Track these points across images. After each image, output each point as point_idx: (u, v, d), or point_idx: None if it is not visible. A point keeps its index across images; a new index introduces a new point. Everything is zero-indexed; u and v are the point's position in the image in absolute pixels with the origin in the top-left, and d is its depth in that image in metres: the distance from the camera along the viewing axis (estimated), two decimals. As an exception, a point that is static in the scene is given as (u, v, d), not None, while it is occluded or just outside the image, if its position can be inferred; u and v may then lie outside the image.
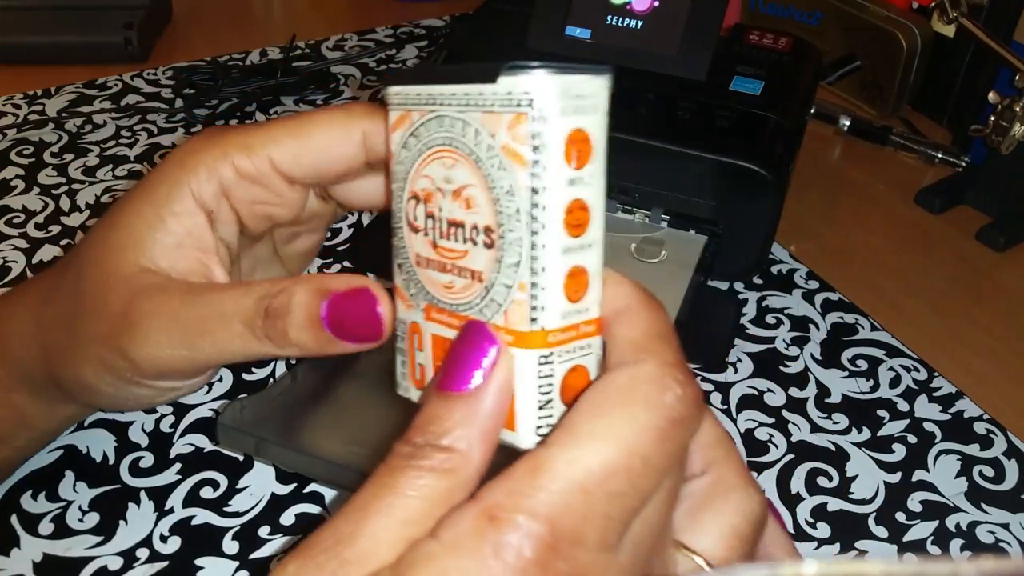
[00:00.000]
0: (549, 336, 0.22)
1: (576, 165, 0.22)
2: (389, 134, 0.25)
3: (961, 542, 0.39)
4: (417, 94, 0.24)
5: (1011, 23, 0.61)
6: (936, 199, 0.61)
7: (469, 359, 0.22)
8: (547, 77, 0.21)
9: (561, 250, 0.22)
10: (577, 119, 0.21)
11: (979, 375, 0.48)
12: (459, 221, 0.23)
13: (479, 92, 0.22)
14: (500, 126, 0.21)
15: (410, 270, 0.25)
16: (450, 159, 0.23)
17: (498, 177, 0.22)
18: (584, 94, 0.21)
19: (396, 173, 0.25)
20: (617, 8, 0.52)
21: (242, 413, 0.37)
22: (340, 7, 0.88)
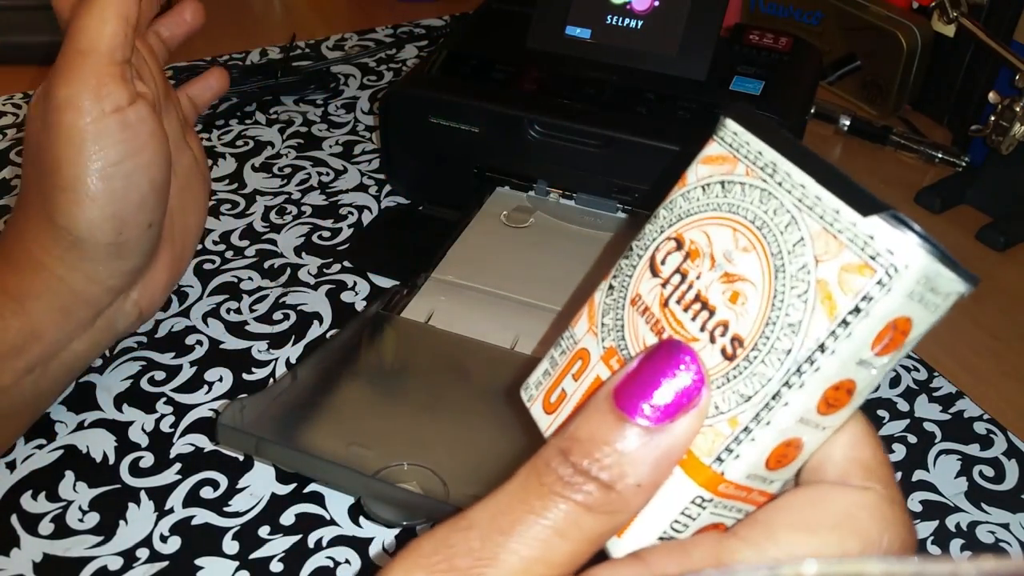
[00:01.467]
0: (721, 485, 0.19)
1: (878, 351, 0.18)
2: (696, 162, 0.22)
3: (961, 542, 0.39)
4: (758, 152, 0.20)
5: (1011, 23, 0.61)
6: (936, 199, 0.61)
7: (664, 386, 0.19)
8: (922, 252, 0.17)
9: (799, 419, 0.19)
10: (914, 309, 0.18)
11: (979, 375, 0.48)
12: (711, 305, 0.20)
13: (835, 208, 0.18)
14: (834, 258, 0.18)
15: (619, 301, 0.22)
16: (747, 240, 0.20)
17: (791, 303, 0.19)
18: (939, 290, 0.18)
19: (673, 203, 0.22)
20: (617, 8, 0.52)
21: (242, 413, 0.37)
22: (340, 7, 0.88)
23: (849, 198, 0.18)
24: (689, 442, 0.19)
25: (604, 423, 0.19)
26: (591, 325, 0.23)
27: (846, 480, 0.20)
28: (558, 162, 0.51)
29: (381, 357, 0.45)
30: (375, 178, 0.61)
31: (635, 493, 0.18)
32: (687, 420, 0.19)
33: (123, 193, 0.38)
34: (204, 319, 0.49)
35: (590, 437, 0.19)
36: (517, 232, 0.52)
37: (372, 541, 0.38)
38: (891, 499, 0.20)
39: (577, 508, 0.18)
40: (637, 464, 0.18)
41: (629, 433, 0.18)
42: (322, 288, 0.52)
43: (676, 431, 0.19)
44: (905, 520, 0.20)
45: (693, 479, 0.19)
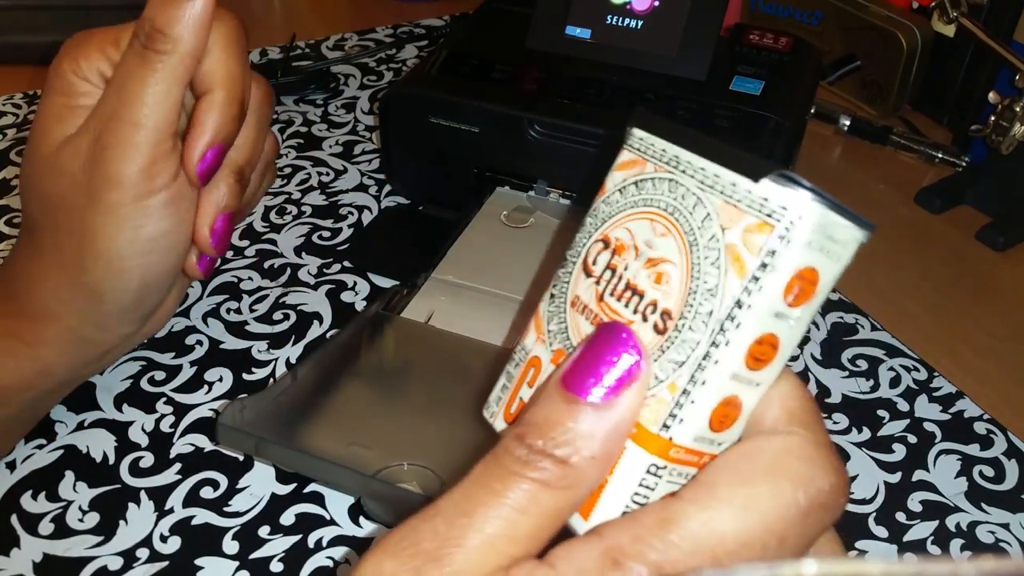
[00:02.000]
0: (672, 450, 0.20)
1: (791, 302, 0.20)
2: (611, 170, 0.24)
3: (961, 542, 0.39)
4: (662, 149, 0.22)
5: (1011, 23, 0.61)
6: (936, 199, 0.61)
7: (608, 365, 0.20)
8: (813, 203, 0.19)
9: (731, 375, 0.20)
10: (817, 258, 0.20)
11: (979, 375, 0.48)
12: (640, 290, 0.22)
13: (731, 181, 0.20)
14: (737, 224, 0.20)
15: (561, 307, 0.24)
16: (663, 227, 0.22)
17: (706, 271, 0.20)
18: (837, 238, 0.20)
19: (597, 210, 0.24)
20: (617, 8, 0.52)
21: (242, 413, 0.37)
22: (340, 7, 0.88)
23: (742, 169, 0.20)
24: (636, 412, 0.20)
25: (555, 406, 0.20)
26: (539, 334, 0.24)
27: (775, 428, 0.21)
28: (558, 162, 0.51)
29: (381, 357, 0.44)
30: (375, 178, 0.61)
31: (590, 465, 0.20)
32: (631, 392, 0.20)
33: (156, 265, 0.38)
34: (204, 319, 0.49)
35: (544, 419, 0.20)
36: (517, 232, 0.52)
37: (372, 541, 0.38)
38: (816, 441, 0.21)
39: (535, 485, 0.19)
40: (589, 438, 0.20)
41: (580, 411, 0.20)
42: (322, 288, 0.52)
43: (623, 403, 0.20)
44: (832, 460, 0.21)
45: (645, 448, 0.20)
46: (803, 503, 0.20)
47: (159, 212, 0.37)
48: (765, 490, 0.20)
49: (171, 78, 0.35)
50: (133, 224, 0.36)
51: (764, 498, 0.19)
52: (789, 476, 0.20)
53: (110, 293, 0.38)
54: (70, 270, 0.37)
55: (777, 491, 0.20)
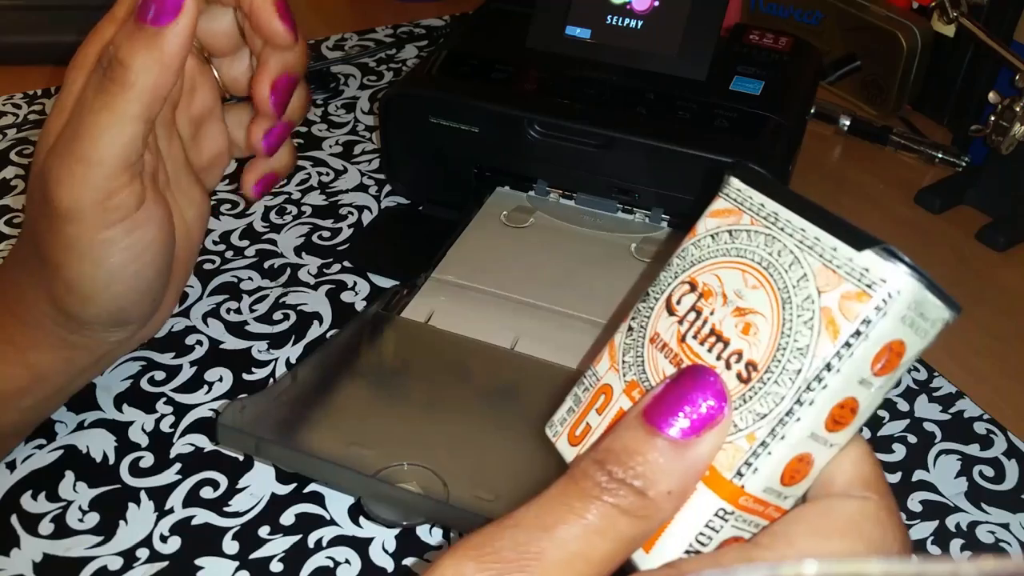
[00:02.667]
0: (741, 498, 0.21)
1: (877, 371, 0.21)
2: (704, 215, 0.24)
3: (961, 542, 0.39)
4: (761, 204, 0.23)
5: (1011, 23, 0.61)
6: (936, 199, 0.61)
7: (692, 404, 0.21)
8: (912, 280, 0.20)
9: (810, 434, 0.21)
10: (906, 332, 0.21)
11: (979, 375, 0.48)
12: (725, 337, 0.22)
13: (832, 246, 0.21)
14: (834, 289, 0.20)
15: (639, 340, 0.24)
16: (755, 280, 0.22)
17: (798, 330, 0.21)
18: (928, 316, 0.21)
19: (685, 252, 0.24)
20: (617, 8, 0.52)
21: (242, 413, 0.37)
22: (340, 7, 0.88)
23: (844, 236, 0.21)
24: (714, 454, 0.21)
25: (636, 436, 0.21)
26: (612, 363, 0.25)
27: (849, 491, 0.22)
28: (558, 162, 0.51)
29: (381, 357, 0.44)
30: (375, 178, 0.61)
31: (666, 500, 0.20)
32: (711, 435, 0.21)
33: (126, 290, 0.37)
34: (204, 319, 0.49)
35: (623, 448, 0.20)
36: (517, 232, 0.52)
37: (372, 541, 0.38)
38: (888, 507, 0.22)
39: (613, 510, 0.20)
40: (667, 473, 0.20)
41: (659, 445, 0.20)
42: (322, 288, 0.52)
43: (702, 444, 0.21)
44: (900, 526, 0.22)
45: (716, 492, 0.21)
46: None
47: (122, 242, 0.35)
48: (841, 548, 0.20)
49: (128, 115, 0.32)
50: (93, 257, 0.34)
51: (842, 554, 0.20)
52: (864, 538, 0.21)
53: (87, 316, 0.37)
54: (49, 290, 0.36)
55: (853, 551, 0.20)
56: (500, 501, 0.36)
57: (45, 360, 0.39)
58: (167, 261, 0.38)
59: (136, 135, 0.33)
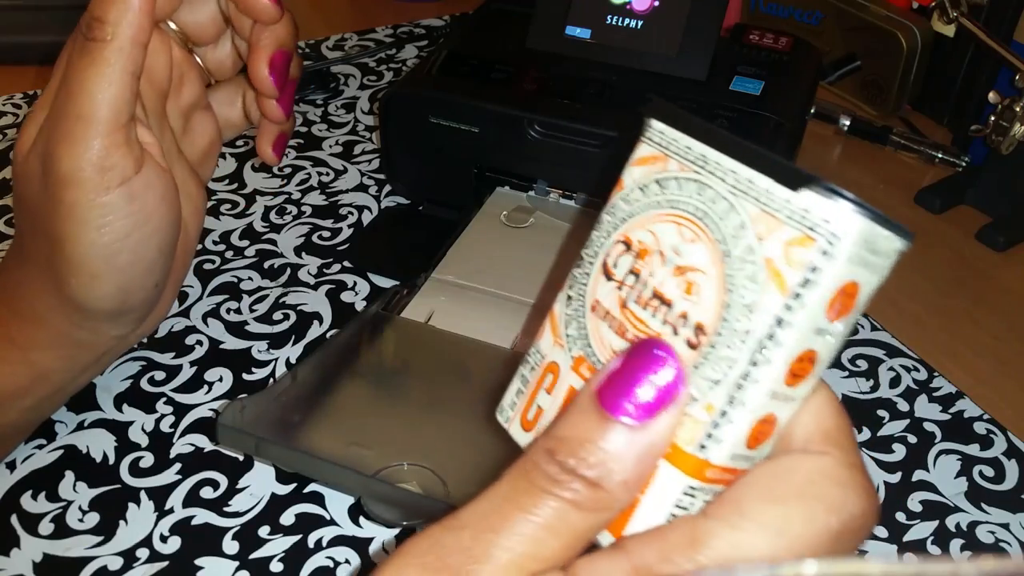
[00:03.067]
0: (708, 471, 0.20)
1: (832, 317, 0.19)
2: (629, 165, 0.22)
3: (961, 542, 0.39)
4: (687, 147, 0.21)
5: (1011, 23, 0.61)
6: (936, 199, 0.61)
7: (645, 385, 0.19)
8: (857, 217, 0.18)
9: (770, 394, 0.19)
10: (858, 272, 0.19)
11: (979, 375, 0.48)
12: (667, 299, 0.20)
13: (766, 188, 0.19)
14: (775, 236, 0.19)
15: (580, 310, 0.23)
16: (691, 232, 0.20)
17: (742, 285, 0.19)
18: (879, 249, 0.19)
19: (615, 207, 0.22)
20: (617, 8, 0.52)
21: (242, 413, 0.37)
22: (340, 7, 0.88)
23: (779, 176, 0.19)
24: (671, 435, 0.19)
25: (588, 422, 0.19)
26: (556, 338, 0.23)
27: (808, 448, 0.21)
28: (558, 162, 0.51)
29: (381, 357, 0.44)
30: (375, 178, 0.61)
31: (621, 489, 0.19)
32: (668, 415, 0.19)
33: (129, 266, 0.36)
34: (204, 319, 0.49)
35: (575, 436, 0.19)
36: (517, 232, 0.52)
37: (372, 541, 0.38)
38: (848, 463, 0.20)
39: (565, 505, 0.19)
40: (622, 461, 0.19)
41: (613, 431, 0.19)
42: (322, 288, 0.52)
43: (658, 426, 0.19)
44: (864, 483, 0.20)
45: (681, 469, 0.20)
46: (835, 528, 0.19)
47: (122, 209, 0.35)
48: (798, 513, 0.19)
49: (113, 67, 0.33)
50: (95, 224, 0.34)
51: (796, 522, 0.19)
52: (823, 500, 0.19)
53: (90, 301, 0.36)
54: (50, 277, 0.36)
55: (810, 515, 0.19)
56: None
57: (46, 359, 0.39)
58: (170, 238, 0.38)
59: (124, 89, 0.34)
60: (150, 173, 0.36)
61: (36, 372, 0.39)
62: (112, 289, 0.36)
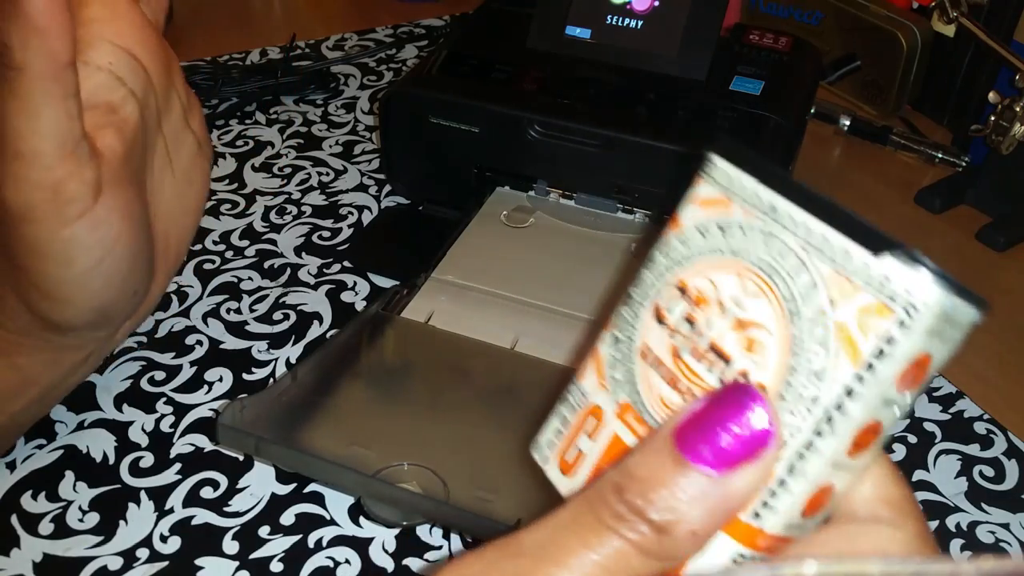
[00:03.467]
0: (759, 539, 0.19)
1: (901, 389, 0.18)
2: (687, 203, 0.21)
3: (961, 542, 0.39)
4: (754, 193, 0.19)
5: (1011, 23, 0.61)
6: (936, 199, 0.61)
7: (732, 433, 0.18)
8: (939, 290, 0.17)
9: (832, 464, 0.18)
10: (933, 343, 0.18)
11: (979, 375, 0.48)
12: (726, 355, 0.19)
13: (844, 248, 0.18)
14: (850, 301, 0.18)
15: (627, 355, 0.22)
16: (755, 287, 0.19)
17: (810, 349, 0.18)
18: (955, 321, 0.18)
19: (669, 248, 0.21)
20: (617, 8, 0.52)
21: (242, 413, 0.37)
22: (340, 7, 0.88)
23: (859, 237, 0.18)
24: (751, 492, 0.18)
25: (663, 465, 0.18)
26: (600, 380, 0.22)
27: (876, 518, 0.20)
28: (558, 162, 0.51)
29: (381, 357, 0.44)
30: (375, 178, 0.61)
31: (688, 540, 0.18)
32: (751, 470, 0.18)
33: (103, 288, 0.35)
34: (204, 319, 0.49)
35: (648, 477, 0.18)
36: (517, 232, 0.52)
37: (372, 541, 0.38)
38: (920, 535, 0.20)
39: (629, 547, 0.18)
40: (693, 511, 0.18)
41: (688, 478, 0.18)
42: (322, 288, 0.52)
43: (739, 480, 0.18)
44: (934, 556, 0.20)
45: (732, 536, 0.19)
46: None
47: (86, 240, 0.32)
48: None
49: (36, 98, 0.30)
50: (59, 260, 0.32)
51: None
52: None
53: (65, 322, 0.35)
54: (22, 299, 0.34)
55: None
56: (500, 501, 0.36)
57: (32, 363, 0.38)
58: (144, 251, 0.36)
59: (59, 116, 0.30)
60: (110, 199, 0.33)
61: (22, 376, 0.38)
62: (87, 309, 0.35)
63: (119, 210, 0.33)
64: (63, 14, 0.29)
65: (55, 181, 0.31)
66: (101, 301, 0.35)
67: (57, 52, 0.29)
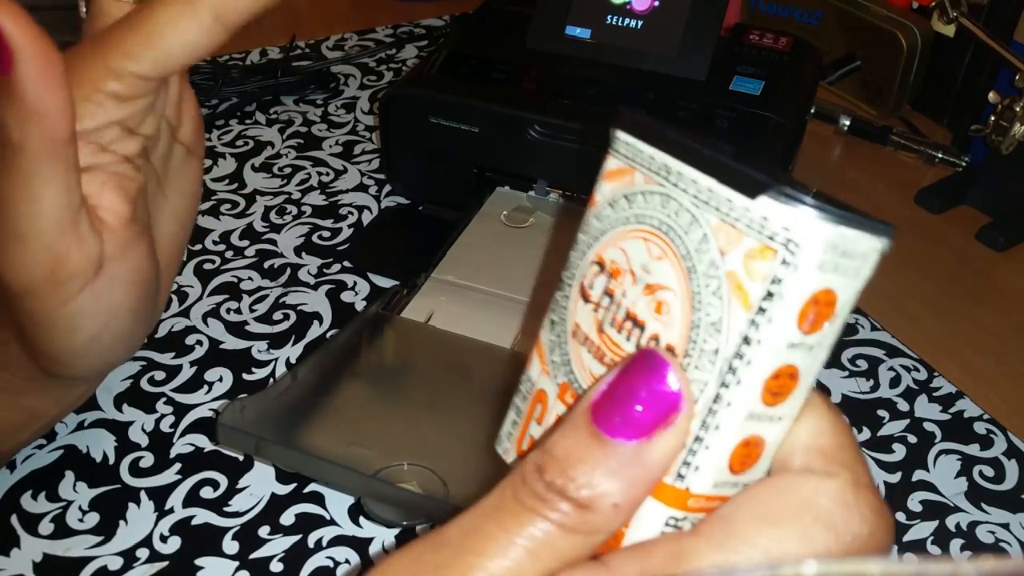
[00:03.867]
0: (690, 500, 0.19)
1: (807, 329, 0.18)
2: (599, 180, 0.21)
3: (961, 542, 0.39)
4: (651, 156, 0.20)
5: (1011, 23, 0.61)
6: (936, 199, 0.61)
7: (643, 401, 0.18)
8: (819, 222, 0.17)
9: (747, 415, 0.18)
10: (831, 279, 0.17)
11: (979, 375, 0.48)
12: (640, 320, 0.19)
13: (727, 197, 0.18)
14: (736, 247, 0.18)
15: (561, 336, 0.22)
16: (658, 248, 0.19)
17: (708, 302, 0.18)
18: (852, 252, 0.17)
19: (588, 226, 0.21)
20: (617, 8, 0.52)
21: (242, 413, 0.37)
22: (340, 7, 0.88)
23: (738, 183, 0.18)
24: (670, 459, 0.18)
25: (580, 440, 0.18)
26: (543, 365, 0.22)
27: (809, 467, 0.19)
28: (558, 162, 0.51)
29: (381, 357, 0.44)
30: (375, 178, 0.61)
31: (612, 513, 0.18)
32: (667, 436, 0.18)
33: (109, 349, 0.34)
34: (204, 319, 0.49)
35: (566, 454, 0.18)
36: (517, 232, 0.52)
37: (372, 541, 0.38)
38: (855, 482, 0.19)
39: (551, 527, 0.18)
40: (614, 483, 0.18)
41: (607, 451, 0.18)
42: (322, 288, 0.52)
43: (656, 448, 0.18)
44: (872, 501, 0.19)
45: (661, 500, 0.19)
46: (836, 549, 0.18)
47: (90, 309, 0.31)
48: (793, 534, 0.18)
49: (36, 178, 0.28)
50: (63, 330, 0.31)
51: (791, 543, 0.18)
52: (822, 519, 0.18)
53: (72, 377, 0.36)
54: (28, 353, 0.34)
55: (806, 535, 0.18)
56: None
57: (39, 402, 0.38)
58: (149, 303, 0.35)
59: (58, 193, 0.28)
60: (115, 263, 0.31)
61: (29, 413, 0.38)
62: (93, 366, 0.35)
63: (122, 276, 0.32)
64: (61, 91, 0.27)
65: (54, 258, 0.29)
66: (108, 358, 0.35)
67: (56, 132, 0.27)
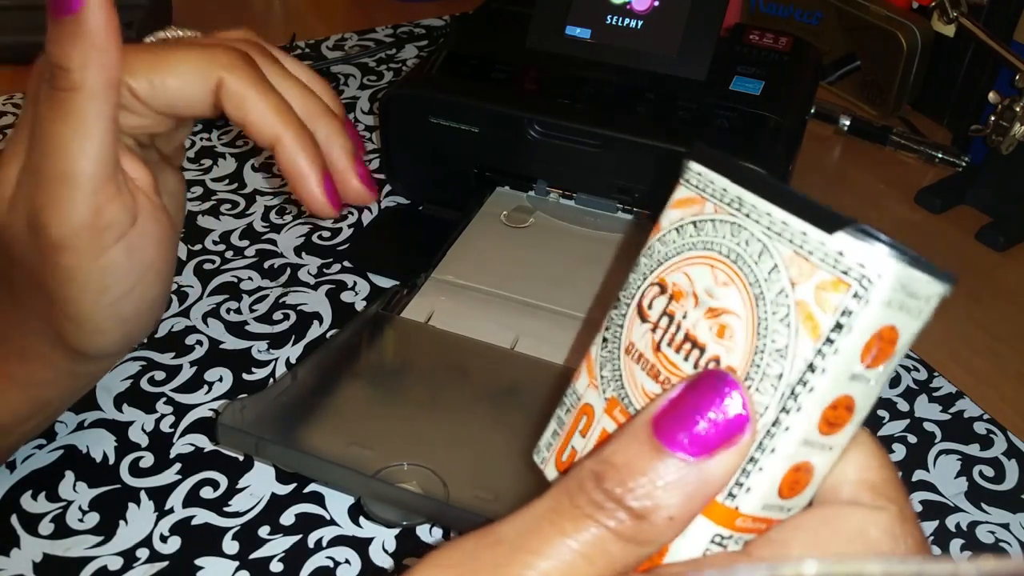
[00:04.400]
0: (738, 520, 0.19)
1: (869, 363, 0.18)
2: (667, 207, 0.22)
3: (961, 542, 0.39)
4: (723, 189, 0.21)
5: (1011, 23, 0.61)
6: (936, 199, 0.61)
7: (709, 420, 0.18)
8: (893, 261, 0.18)
9: (802, 441, 0.19)
10: (897, 316, 0.18)
11: (979, 375, 0.48)
12: (700, 343, 0.20)
13: (801, 230, 0.19)
14: (808, 279, 0.18)
15: (614, 352, 0.23)
16: (725, 275, 0.20)
17: (774, 329, 0.19)
18: (918, 293, 0.18)
19: (652, 249, 0.22)
20: (617, 8, 0.52)
21: (242, 413, 0.37)
22: (340, 7, 0.88)
23: (814, 218, 0.19)
24: (729, 477, 0.19)
25: (641, 451, 0.18)
26: (591, 379, 0.23)
27: (858, 500, 0.20)
28: (558, 162, 0.51)
29: (381, 357, 0.44)
30: (375, 178, 0.61)
31: (667, 525, 0.18)
32: (727, 455, 0.18)
33: (134, 315, 0.35)
34: (204, 319, 0.49)
35: (626, 464, 0.18)
36: (517, 232, 0.52)
37: (372, 541, 0.38)
38: (902, 516, 0.20)
39: (607, 534, 0.18)
40: (671, 497, 0.18)
41: (666, 464, 0.18)
42: (322, 288, 0.52)
43: (715, 466, 0.18)
44: (916, 535, 0.20)
45: (709, 517, 0.19)
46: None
47: (123, 266, 0.32)
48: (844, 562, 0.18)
49: (89, 117, 0.30)
50: (97, 287, 0.32)
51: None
52: (871, 550, 0.19)
53: (95, 350, 0.35)
54: (50, 326, 0.34)
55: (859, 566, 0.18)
56: (500, 501, 0.36)
57: (47, 391, 0.38)
58: (170, 275, 0.36)
59: (105, 138, 0.30)
60: (146, 218, 0.33)
61: (37, 404, 0.38)
62: (118, 337, 0.35)
63: (152, 235, 0.33)
64: (118, 33, 0.30)
65: (97, 205, 0.31)
66: (131, 328, 0.36)
67: (112, 71, 0.30)
